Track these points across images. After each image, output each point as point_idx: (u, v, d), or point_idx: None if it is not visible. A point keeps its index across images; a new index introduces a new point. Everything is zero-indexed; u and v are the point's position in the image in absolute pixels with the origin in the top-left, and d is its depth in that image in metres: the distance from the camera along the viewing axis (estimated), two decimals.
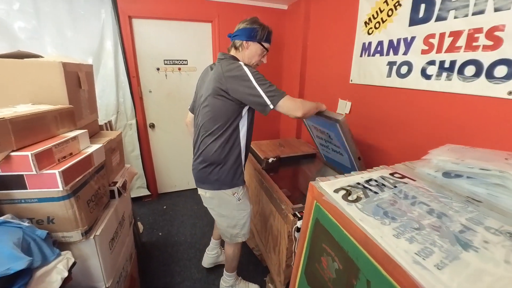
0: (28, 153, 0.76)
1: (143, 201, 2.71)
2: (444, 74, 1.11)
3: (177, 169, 2.81)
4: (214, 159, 1.19)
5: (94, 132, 1.33)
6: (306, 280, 0.78)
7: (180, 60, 2.45)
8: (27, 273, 0.73)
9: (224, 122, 1.14)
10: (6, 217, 0.80)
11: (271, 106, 1.05)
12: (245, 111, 1.17)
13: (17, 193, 0.82)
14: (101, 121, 1.63)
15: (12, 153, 0.75)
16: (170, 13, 2.24)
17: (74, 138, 0.97)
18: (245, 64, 1.11)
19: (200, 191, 1.33)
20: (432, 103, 1.19)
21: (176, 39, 2.39)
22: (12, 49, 2.01)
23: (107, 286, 1.11)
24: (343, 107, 1.83)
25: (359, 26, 1.58)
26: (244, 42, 1.18)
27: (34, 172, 0.78)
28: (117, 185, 1.26)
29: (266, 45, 1.22)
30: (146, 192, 2.67)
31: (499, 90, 0.93)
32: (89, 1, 2.07)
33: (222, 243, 1.76)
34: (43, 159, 0.80)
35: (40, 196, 0.84)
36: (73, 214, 0.89)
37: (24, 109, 0.90)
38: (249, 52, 1.20)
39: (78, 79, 1.13)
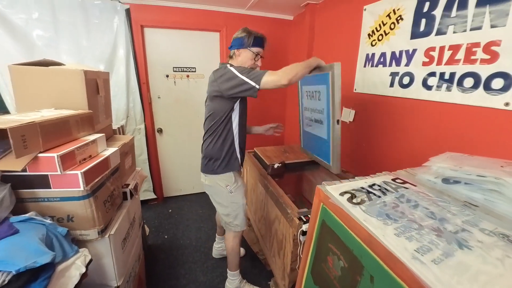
0: (54, 154, 0.82)
1: (149, 204, 2.76)
2: (444, 85, 1.16)
3: (183, 174, 2.87)
4: (212, 153, 1.37)
5: (109, 136, 1.39)
6: (312, 280, 0.81)
7: (189, 68, 2.54)
8: (50, 267, 0.78)
9: (220, 117, 1.31)
10: (31, 214, 0.85)
11: (257, 86, 1.17)
12: (237, 104, 1.32)
13: (41, 192, 0.88)
14: (113, 126, 1.70)
15: (40, 155, 0.81)
16: (180, 22, 2.33)
17: (93, 141, 1.03)
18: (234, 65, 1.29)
19: (202, 179, 1.49)
20: (432, 113, 1.24)
21: (185, 47, 2.48)
22: (29, 55, 2.11)
23: (118, 284, 1.15)
24: (347, 115, 1.88)
25: (363, 38, 1.64)
26: (236, 50, 1.34)
27: (59, 173, 0.84)
28: (129, 187, 1.32)
29: (255, 49, 1.32)
30: (152, 195, 2.72)
31: (496, 101, 0.98)
32: (104, 11, 2.17)
33: None
34: (66, 161, 0.86)
35: (62, 195, 0.89)
36: (91, 213, 0.94)
37: (49, 113, 0.96)
38: (241, 58, 1.34)
39: (96, 85, 1.20)
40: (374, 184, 0.79)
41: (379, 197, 0.71)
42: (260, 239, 2.07)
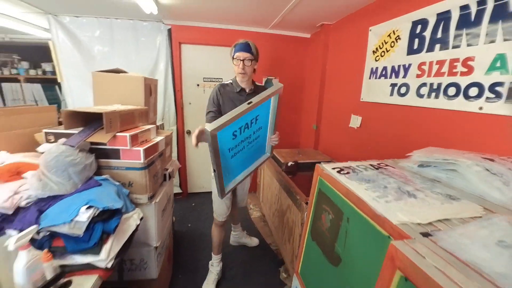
0: (127, 134, 1.14)
1: (175, 198, 3.08)
2: (433, 94, 1.37)
3: (205, 172, 3.18)
4: None
5: None
6: (311, 237, 1.05)
7: (217, 78, 2.91)
8: (119, 213, 1.08)
9: None
10: (106, 176, 1.18)
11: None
12: None
13: (113, 162, 1.21)
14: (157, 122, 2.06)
15: (117, 134, 1.15)
16: (211, 40, 2.72)
17: (148, 129, 1.36)
18: (219, 86, 1.56)
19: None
20: (424, 117, 1.44)
21: (214, 60, 2.87)
22: (90, 66, 2.59)
23: (156, 245, 1.44)
24: (355, 121, 2.10)
25: (368, 54, 1.89)
26: None
27: (128, 148, 1.16)
28: (168, 171, 1.63)
29: (235, 55, 1.47)
30: (178, 190, 3.05)
31: (473, 106, 1.18)
32: (151, 31, 2.61)
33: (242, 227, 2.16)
34: (133, 140, 1.18)
35: (127, 165, 1.21)
36: (145, 181, 1.25)
37: (120, 107, 1.31)
38: (234, 68, 1.53)
39: (150, 89, 1.56)
40: (361, 165, 1.02)
41: (361, 171, 0.95)
42: (273, 230, 2.29)
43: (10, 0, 2.12)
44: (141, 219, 1.23)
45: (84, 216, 0.91)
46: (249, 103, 0.97)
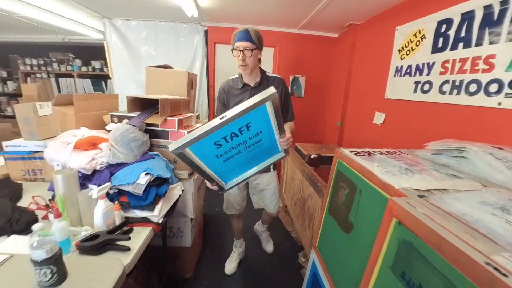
0: (175, 118, 1.38)
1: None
2: (455, 90, 1.43)
3: None
4: None
5: None
6: (328, 212, 1.19)
7: None
8: (167, 182, 1.31)
9: None
10: (157, 152, 1.42)
11: None
12: None
13: (162, 141, 1.45)
14: None
15: (168, 118, 1.38)
16: None
17: (190, 117, 1.59)
18: (225, 82, 1.53)
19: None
20: (445, 113, 1.50)
21: None
22: (136, 64, 2.93)
23: (191, 217, 1.66)
24: (379, 118, 2.17)
25: (394, 53, 1.96)
26: None
27: (175, 130, 1.39)
28: None
29: (234, 46, 1.34)
30: None
31: (492, 102, 1.24)
32: (189, 32, 2.89)
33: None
34: (179, 124, 1.41)
35: None
36: None
37: (168, 97, 1.55)
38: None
39: (191, 83, 1.79)
40: (376, 151, 1.14)
41: (376, 155, 1.07)
42: (294, 219, 2.44)
43: (74, 6, 2.50)
44: (182, 191, 1.46)
45: (143, 180, 1.15)
46: (221, 118, 0.86)
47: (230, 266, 1.95)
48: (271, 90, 0.87)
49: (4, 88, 4.66)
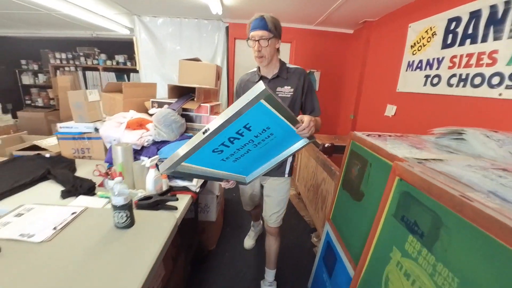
0: (208, 104, 1.58)
1: None
2: (461, 83, 1.57)
3: None
4: None
5: None
6: (342, 187, 1.37)
7: None
8: None
9: None
10: (191, 135, 1.63)
11: None
12: None
13: (196, 125, 1.66)
14: None
15: (201, 104, 1.58)
16: None
17: (219, 104, 1.79)
18: (241, 77, 1.46)
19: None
20: (452, 104, 1.64)
21: None
22: (162, 59, 3.15)
23: (217, 194, 1.87)
24: (391, 110, 2.31)
25: (407, 48, 2.09)
26: None
27: (207, 115, 1.60)
28: None
29: (249, 36, 1.23)
30: None
31: (494, 93, 1.37)
32: (211, 28, 3.09)
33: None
34: (212, 110, 1.61)
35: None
36: None
37: (202, 86, 1.75)
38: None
39: (218, 74, 1.99)
40: (386, 134, 1.31)
41: (386, 137, 1.24)
42: (307, 204, 2.62)
43: (107, 3, 2.73)
44: None
45: None
46: (204, 132, 0.74)
47: (249, 242, 2.16)
48: (260, 87, 0.67)
49: (36, 80, 5.02)
